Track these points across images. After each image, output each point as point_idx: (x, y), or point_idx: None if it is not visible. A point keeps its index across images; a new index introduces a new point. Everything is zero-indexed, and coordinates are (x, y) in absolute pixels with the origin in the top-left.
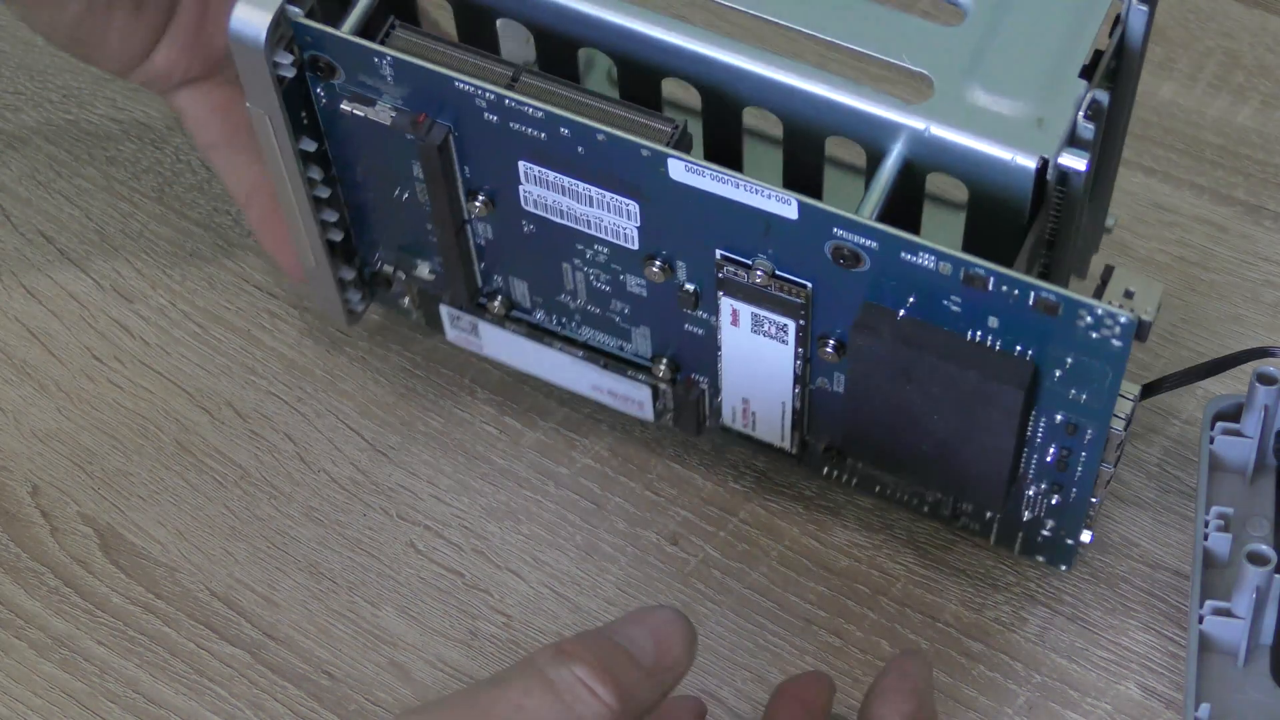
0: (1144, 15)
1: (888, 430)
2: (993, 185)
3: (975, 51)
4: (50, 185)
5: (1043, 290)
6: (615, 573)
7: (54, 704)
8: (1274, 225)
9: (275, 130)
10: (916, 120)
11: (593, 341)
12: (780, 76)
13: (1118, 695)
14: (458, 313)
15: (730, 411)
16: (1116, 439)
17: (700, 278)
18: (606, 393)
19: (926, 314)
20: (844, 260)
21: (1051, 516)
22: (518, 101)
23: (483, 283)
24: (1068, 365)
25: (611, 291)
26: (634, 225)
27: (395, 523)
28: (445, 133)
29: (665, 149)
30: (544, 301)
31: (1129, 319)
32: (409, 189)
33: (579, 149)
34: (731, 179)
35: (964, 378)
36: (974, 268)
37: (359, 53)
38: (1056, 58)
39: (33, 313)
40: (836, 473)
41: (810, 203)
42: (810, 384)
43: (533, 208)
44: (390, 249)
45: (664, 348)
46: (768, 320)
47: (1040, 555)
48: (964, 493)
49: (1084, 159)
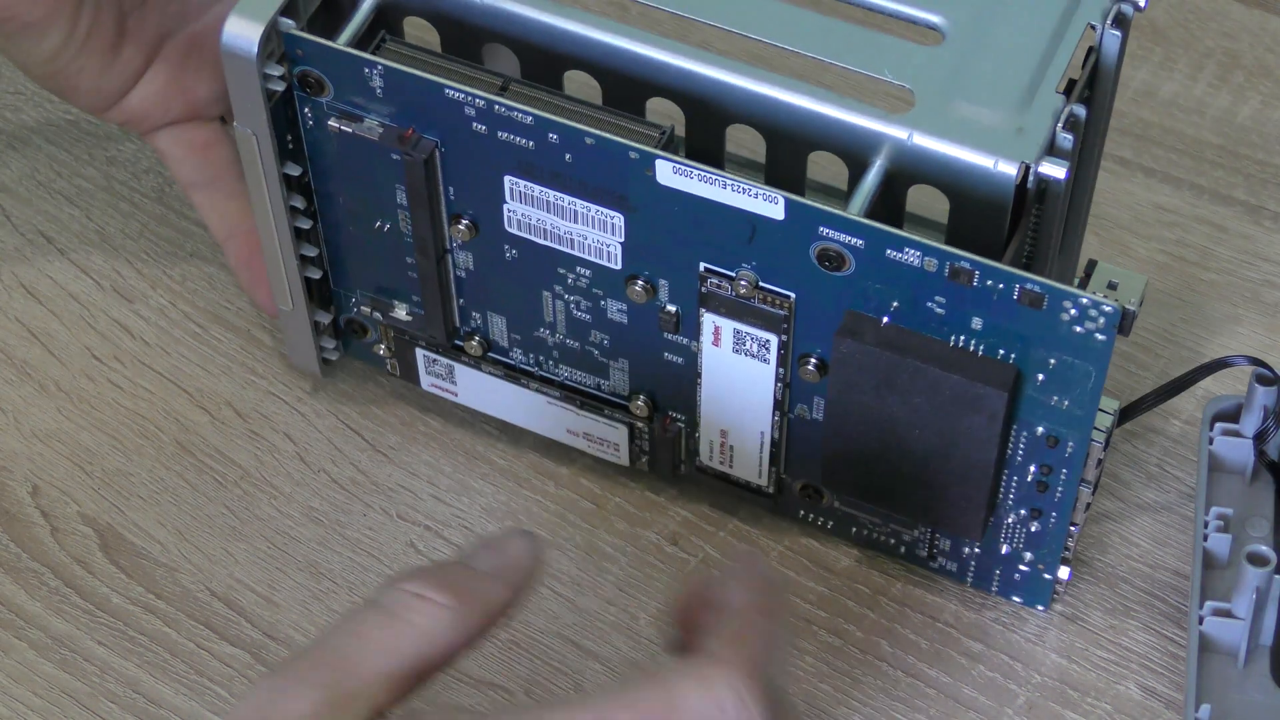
0: (1117, 39)
1: (867, 453)
2: (974, 195)
3: (955, 69)
4: (50, 185)
5: (1027, 281)
6: (615, 573)
7: (54, 704)
8: (1274, 225)
9: (261, 152)
10: (899, 130)
11: (570, 381)
12: (764, 89)
13: (1118, 695)
14: (434, 356)
15: (708, 446)
16: (1097, 452)
17: (682, 298)
18: (582, 436)
19: (910, 321)
20: (829, 263)
21: (1030, 548)
22: (507, 107)
23: (461, 321)
24: (1051, 367)
25: (591, 321)
26: (618, 241)
27: (395, 523)
28: (432, 147)
29: (653, 150)
30: (522, 339)
31: (1114, 308)
32: (391, 219)
33: (566, 156)
34: (719, 178)
35: (947, 381)
36: (960, 261)
37: (350, 64)
38: (1034, 75)
39: (33, 313)
40: (813, 515)
41: (797, 200)
42: (789, 412)
43: (516, 229)
44: (368, 289)
45: (642, 383)
46: (749, 337)
47: (1017, 595)
48: (943, 520)
49: (1064, 167)
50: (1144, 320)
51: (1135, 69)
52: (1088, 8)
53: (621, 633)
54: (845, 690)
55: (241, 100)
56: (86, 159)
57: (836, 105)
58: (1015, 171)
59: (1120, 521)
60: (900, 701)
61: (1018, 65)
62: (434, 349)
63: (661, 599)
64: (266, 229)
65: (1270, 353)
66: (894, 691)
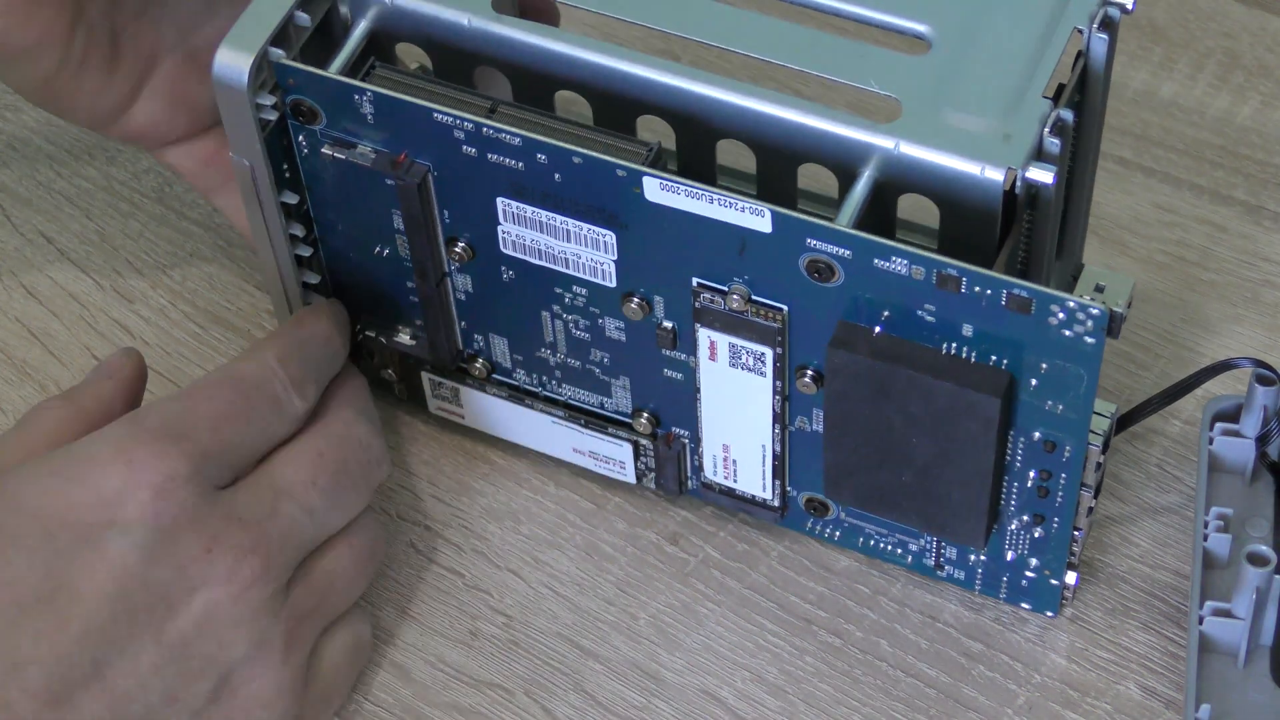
0: (1105, 42)
1: (868, 462)
2: (963, 203)
3: (941, 77)
4: (50, 185)
5: (1014, 286)
6: (615, 573)
7: None
8: (1274, 225)
9: (258, 181)
10: (886, 139)
11: (573, 400)
12: (751, 104)
13: (1118, 695)
14: (439, 379)
15: (711, 462)
16: (1095, 456)
17: (677, 313)
18: (588, 454)
19: (902, 330)
20: (819, 274)
21: (1035, 554)
22: (495, 129)
23: (464, 343)
24: (1043, 371)
25: (590, 340)
26: (611, 259)
27: (395, 523)
28: (424, 172)
29: (640, 167)
30: (524, 359)
31: (1101, 310)
32: (389, 244)
33: (556, 176)
34: (705, 193)
35: (941, 389)
36: (946, 268)
37: (340, 91)
38: (1021, 81)
39: (33, 313)
40: (819, 528)
41: (783, 212)
42: (790, 425)
43: (511, 250)
44: (371, 314)
45: (644, 400)
46: (745, 350)
47: (1026, 602)
48: (946, 528)
49: (1051, 172)
50: (1144, 320)
51: (1135, 69)
52: (1074, 12)
53: (621, 633)
54: (845, 690)
55: (236, 130)
56: (86, 159)
57: (823, 117)
58: (1002, 177)
59: (1120, 522)
60: (900, 701)
61: (1004, 72)
62: (439, 372)
63: (662, 599)
64: (267, 258)
65: (1270, 353)
66: (894, 691)
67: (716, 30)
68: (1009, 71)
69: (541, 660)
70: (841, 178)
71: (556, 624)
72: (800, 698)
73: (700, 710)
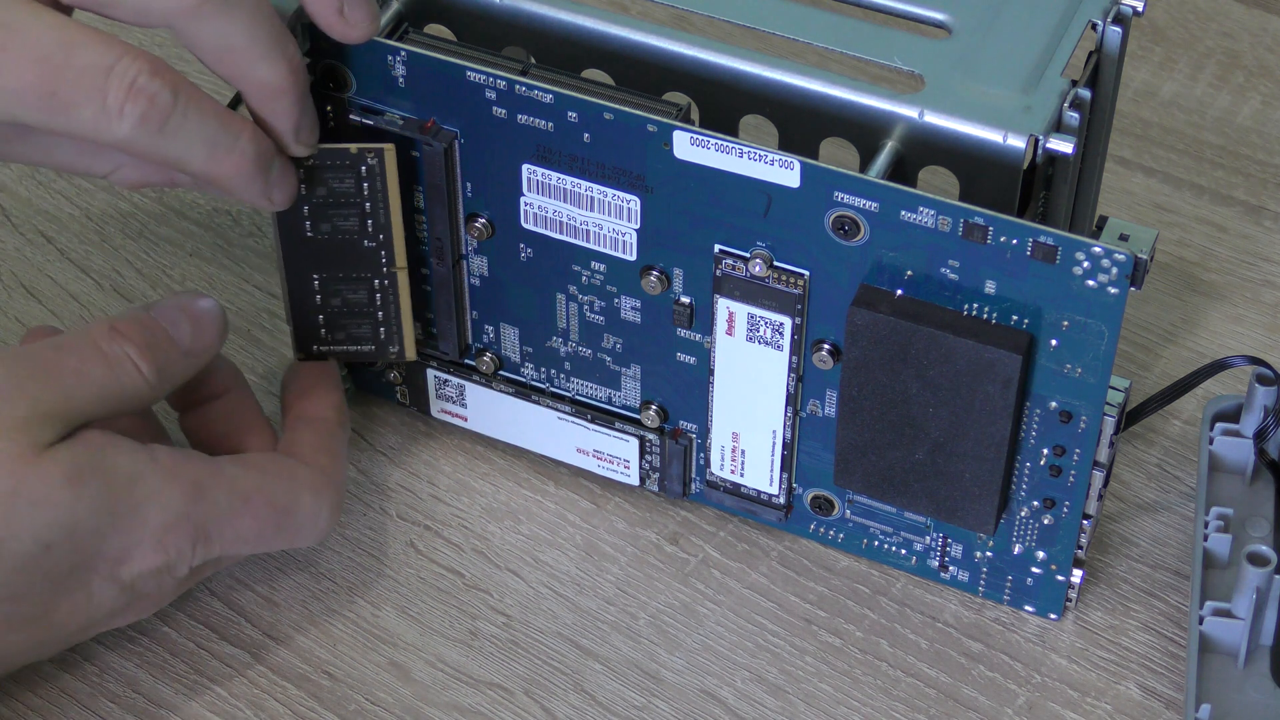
0: (1119, 35)
1: (881, 440)
2: (984, 171)
3: (962, 58)
4: (50, 185)
5: (1040, 234)
6: (615, 573)
7: (54, 704)
8: (1274, 225)
9: None
10: (909, 108)
11: (581, 394)
12: (775, 74)
13: (1118, 695)
14: (445, 376)
15: (719, 454)
16: (1109, 428)
17: (696, 287)
18: (592, 454)
19: (923, 293)
20: (844, 230)
21: (1043, 545)
22: (528, 86)
23: (473, 336)
24: (1064, 329)
25: (604, 324)
26: (634, 228)
27: (395, 523)
28: (452, 138)
29: (671, 121)
30: (534, 352)
31: (1126, 256)
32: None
33: (585, 136)
34: (735, 146)
35: (961, 348)
36: (974, 216)
37: (373, 52)
38: (1039, 62)
39: (33, 313)
40: (824, 528)
41: (812, 163)
42: (801, 410)
43: (533, 224)
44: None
45: (654, 392)
46: (763, 321)
47: (1030, 604)
48: (956, 510)
49: (1071, 142)
50: (1144, 320)
51: (1135, 69)
52: (1089, 6)
53: (621, 633)
54: (845, 690)
55: None
56: None
57: (847, 87)
58: (1024, 145)
59: (1120, 521)
60: (900, 701)
61: (1023, 55)
62: (445, 368)
63: (662, 599)
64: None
65: (1270, 353)
66: (894, 691)
67: (743, 11)
68: (1027, 54)
69: (541, 660)
70: (863, 151)
71: (556, 624)
72: (800, 698)
73: (700, 710)
